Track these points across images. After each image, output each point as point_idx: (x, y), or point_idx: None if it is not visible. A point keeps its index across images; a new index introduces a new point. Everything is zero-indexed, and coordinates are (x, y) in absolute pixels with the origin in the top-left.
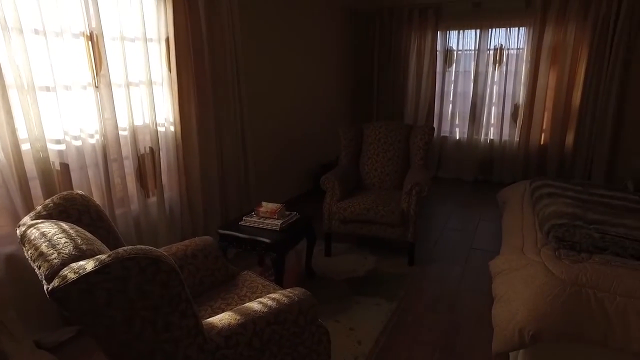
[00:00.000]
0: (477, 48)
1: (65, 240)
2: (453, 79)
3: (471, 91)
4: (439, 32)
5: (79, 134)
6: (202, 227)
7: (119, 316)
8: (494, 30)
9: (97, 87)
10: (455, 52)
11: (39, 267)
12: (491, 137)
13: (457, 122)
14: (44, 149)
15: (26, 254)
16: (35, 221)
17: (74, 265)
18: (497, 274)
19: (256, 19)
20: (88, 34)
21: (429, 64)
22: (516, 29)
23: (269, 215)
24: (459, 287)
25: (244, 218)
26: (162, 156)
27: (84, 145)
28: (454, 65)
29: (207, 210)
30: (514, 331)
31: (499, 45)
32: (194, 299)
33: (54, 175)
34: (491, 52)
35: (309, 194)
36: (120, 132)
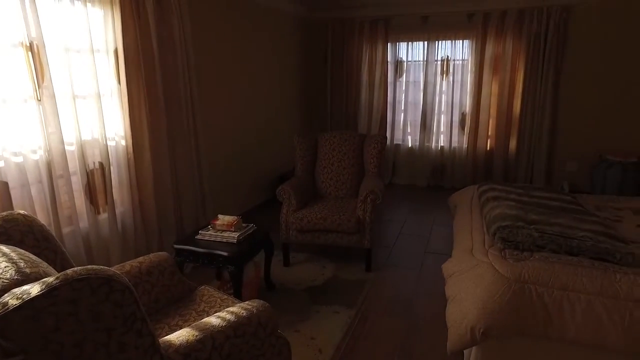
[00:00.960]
0: (425, 59)
1: (6, 264)
2: (404, 88)
3: (421, 100)
4: (389, 44)
5: (20, 149)
6: (157, 243)
7: (68, 341)
8: (440, 42)
9: (39, 100)
10: (405, 63)
11: None
12: (442, 144)
13: (409, 131)
14: None
15: None
16: None
17: (16, 290)
18: (449, 276)
19: (209, 30)
20: (28, 44)
21: (380, 74)
22: (461, 41)
23: (225, 228)
24: (415, 290)
25: (200, 232)
26: (112, 171)
27: (26, 162)
28: (405, 75)
29: (162, 225)
30: (466, 329)
31: (446, 57)
32: (150, 317)
33: None
34: (438, 63)
35: (267, 204)
36: (67, 147)
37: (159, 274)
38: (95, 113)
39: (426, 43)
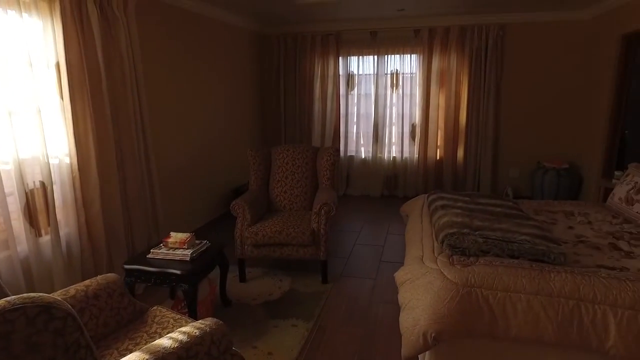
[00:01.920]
0: (375, 72)
1: None
2: (356, 101)
3: (373, 112)
4: (340, 58)
5: None
6: (106, 264)
7: None
8: (389, 56)
9: None
10: (357, 76)
11: None
12: (394, 155)
13: (362, 142)
14: None
15: None
16: None
17: None
18: (402, 283)
19: (159, 43)
20: None
21: (332, 87)
22: (409, 55)
23: (178, 245)
24: (371, 299)
25: (151, 250)
26: (56, 190)
27: None
28: (356, 88)
29: (111, 245)
30: (418, 335)
31: (395, 70)
32: (98, 342)
33: None
34: (388, 76)
35: (223, 218)
36: (2, 167)
37: (107, 296)
38: (36, 129)
39: (376, 57)
